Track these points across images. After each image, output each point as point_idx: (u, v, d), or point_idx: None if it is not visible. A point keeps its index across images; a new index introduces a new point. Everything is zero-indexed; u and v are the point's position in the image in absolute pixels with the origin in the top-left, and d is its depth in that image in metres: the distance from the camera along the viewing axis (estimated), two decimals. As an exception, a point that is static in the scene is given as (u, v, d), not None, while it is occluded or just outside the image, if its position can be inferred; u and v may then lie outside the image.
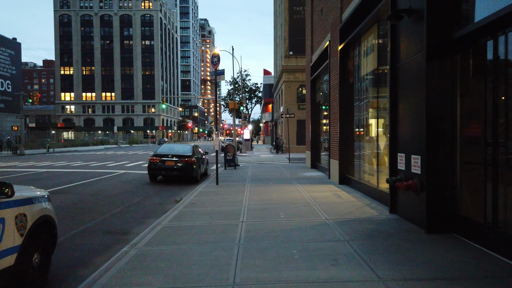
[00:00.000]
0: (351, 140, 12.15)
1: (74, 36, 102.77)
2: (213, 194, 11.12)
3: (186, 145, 15.89)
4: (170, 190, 12.99)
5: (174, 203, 10.34)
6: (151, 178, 15.17)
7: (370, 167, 10.22)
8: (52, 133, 74.73)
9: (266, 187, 12.28)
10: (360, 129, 11.33)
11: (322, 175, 15.45)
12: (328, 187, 11.84)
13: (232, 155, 20.10)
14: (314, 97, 18.55)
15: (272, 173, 16.76)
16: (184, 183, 14.76)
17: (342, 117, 12.26)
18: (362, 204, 8.91)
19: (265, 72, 78.53)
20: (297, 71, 39.84)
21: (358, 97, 11.58)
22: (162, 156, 14.54)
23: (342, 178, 12.34)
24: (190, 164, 14.47)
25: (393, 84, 7.59)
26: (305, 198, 9.87)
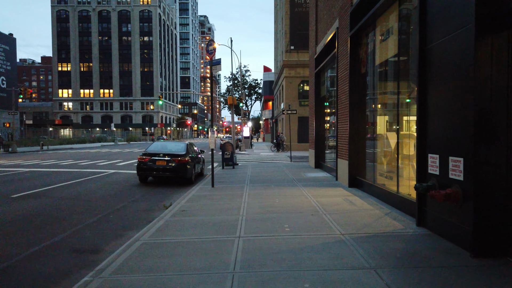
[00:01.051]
0: (362, 137, 10.82)
1: (71, 32, 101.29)
2: (207, 198, 9.80)
3: (180, 143, 14.56)
4: (160, 193, 11.67)
5: (162, 209, 9.03)
6: (141, 179, 13.85)
7: (388, 169, 8.90)
8: (50, 131, 73.50)
9: (267, 190, 10.97)
10: (373, 126, 10.00)
11: (328, 176, 14.13)
12: (337, 191, 10.51)
13: (230, 154, 18.78)
14: (318, 91, 17.21)
15: (273, 174, 15.45)
16: (176, 185, 13.45)
17: (352, 112, 10.93)
18: (380, 213, 7.58)
19: (265, 68, 77.24)
20: (299, 66, 38.48)
21: (372, 89, 10.26)
22: (152, 155, 13.21)
23: (352, 180, 11.02)
24: (184, 164, 13.15)
25: (422, 71, 6.25)
26: (312, 205, 8.56)
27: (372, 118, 10.33)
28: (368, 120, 10.65)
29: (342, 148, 11.87)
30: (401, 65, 7.99)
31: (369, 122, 10.60)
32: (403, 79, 7.95)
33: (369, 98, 10.51)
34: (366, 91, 10.72)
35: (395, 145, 8.38)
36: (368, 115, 10.61)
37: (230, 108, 21.63)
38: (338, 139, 12.52)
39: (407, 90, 7.91)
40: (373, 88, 10.12)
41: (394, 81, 8.49)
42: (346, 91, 11.33)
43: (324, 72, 16.44)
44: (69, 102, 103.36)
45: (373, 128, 10.12)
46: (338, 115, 12.43)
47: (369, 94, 10.47)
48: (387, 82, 9.29)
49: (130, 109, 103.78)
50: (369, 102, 10.51)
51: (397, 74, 8.16)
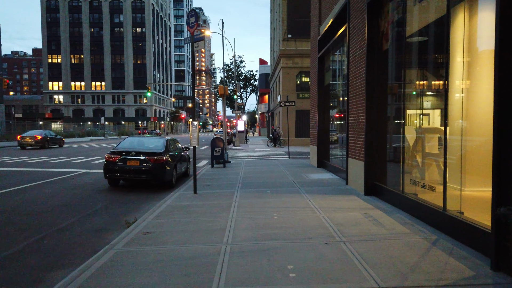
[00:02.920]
0: (382, 133, 8.54)
1: (62, 23, 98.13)
2: (184, 211, 7.51)
3: (158, 139, 12.19)
4: (128, 202, 9.35)
5: (122, 227, 6.74)
6: (111, 183, 11.52)
7: (428, 176, 6.61)
8: (40, 124, 70.83)
9: (262, 198, 8.69)
10: (399, 118, 7.70)
11: (335, 179, 11.85)
12: (352, 201, 8.24)
13: (221, 150, 16.46)
14: (322, 79, 14.88)
15: (270, 174, 13.16)
16: (153, 189, 11.14)
17: (370, 100, 8.64)
18: (424, 241, 5.30)
19: (261, 61, 75.05)
20: (297, 56, 36.12)
21: (398, 70, 7.96)
22: (123, 153, 10.84)
23: (369, 186, 8.75)
24: (161, 165, 10.82)
25: (506, 35, 3.96)
26: (324, 224, 6.28)
27: (402, 108, 8.04)
28: (393, 111, 8.37)
29: (356, 145, 9.58)
30: (457, 30, 5.68)
31: (395, 114, 8.31)
32: (457, 50, 5.65)
33: (393, 82, 8.21)
34: (388, 74, 8.42)
35: (438, 145, 6.11)
36: (393, 105, 8.32)
37: (221, 98, 19.26)
38: (349, 135, 10.23)
39: (463, 67, 5.62)
40: (400, 68, 7.81)
41: (439, 56, 6.19)
42: (361, 75, 9.02)
43: (329, 56, 14.12)
44: (59, 95, 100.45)
45: (400, 121, 7.84)
46: (350, 105, 10.13)
47: (394, 76, 8.18)
48: (426, 58, 6.99)
49: (123, 103, 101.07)
50: (394, 87, 8.21)
51: (446, 45, 5.84)
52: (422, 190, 6.60)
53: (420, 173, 6.90)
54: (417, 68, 7.27)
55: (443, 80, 5.81)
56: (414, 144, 7.18)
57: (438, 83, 6.24)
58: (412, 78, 7.35)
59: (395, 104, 8.20)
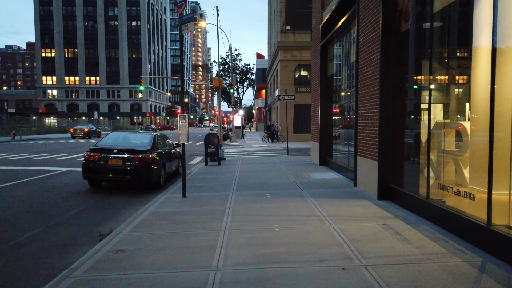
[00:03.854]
0: (399, 128, 7.40)
1: (55, 16, 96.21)
2: (169, 220, 6.35)
3: (144, 135, 10.99)
4: (107, 207, 8.18)
5: (92, 242, 5.59)
6: (91, 184, 10.33)
7: (462, 180, 5.47)
8: (33, 119, 69.33)
9: (260, 203, 7.54)
10: (425, 111, 6.55)
11: (340, 179, 10.71)
12: (365, 207, 7.09)
13: (215, 147, 15.28)
14: (324, 69, 13.70)
15: (268, 173, 12.01)
16: (137, 192, 9.97)
17: (385, 91, 7.48)
18: (468, 267, 4.15)
19: (258, 56, 73.80)
20: (295, 48, 34.84)
21: (421, 55, 6.80)
22: (104, 151, 9.64)
23: (383, 189, 7.61)
24: (147, 164, 9.63)
25: None
26: (337, 240, 5.14)
27: (419, 100, 6.89)
28: (411, 102, 7.22)
29: (366, 142, 8.44)
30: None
31: (414, 106, 7.17)
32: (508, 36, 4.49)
33: (414, 69, 7.05)
34: (407, 59, 7.27)
35: (479, 143, 4.97)
36: (412, 95, 7.16)
37: (216, 91, 18.09)
38: (358, 130, 9.08)
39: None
40: (423, 52, 6.65)
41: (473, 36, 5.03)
42: (374, 61, 7.86)
43: (333, 45, 12.94)
44: (53, 89, 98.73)
45: (422, 115, 6.70)
46: (359, 96, 8.98)
47: (415, 62, 7.02)
48: (459, 39, 5.84)
49: (118, 97, 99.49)
50: (414, 75, 7.05)
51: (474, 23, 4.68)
52: (454, 197, 5.46)
53: (449, 176, 5.77)
54: (446, 51, 6.12)
55: (479, 66, 4.65)
56: (442, 141, 6.04)
57: (471, 69, 5.09)
58: (439, 64, 6.20)
59: (416, 94, 7.05)
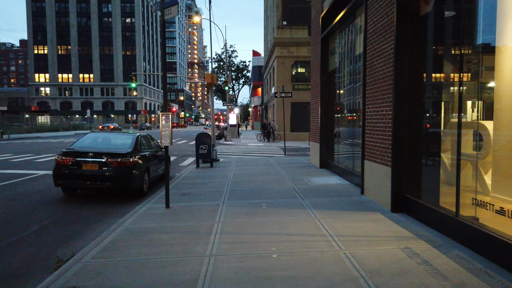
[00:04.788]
0: (417, 129, 6.33)
1: (48, 12, 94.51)
2: (145, 241, 5.25)
3: (125, 135, 9.83)
4: (77, 220, 7.05)
5: (48, 269, 4.49)
6: (65, 191, 9.21)
7: (507, 193, 4.40)
8: (26, 117, 67.88)
9: (255, 217, 6.45)
10: (450, 109, 5.48)
11: (344, 184, 9.64)
12: (378, 222, 6.01)
13: (207, 148, 14.18)
14: (325, 64, 12.62)
15: (264, 177, 10.93)
16: (118, 199, 8.85)
17: (400, 85, 6.41)
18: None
19: (254, 53, 72.80)
20: (292, 44, 33.76)
21: (445, 42, 5.73)
22: (78, 154, 8.51)
23: (398, 200, 6.54)
24: (127, 169, 8.50)
25: None
26: (350, 273, 4.06)
27: (442, 96, 5.83)
28: (432, 99, 6.16)
29: (376, 144, 7.37)
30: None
31: (434, 102, 6.10)
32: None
33: (437, 59, 5.98)
34: (426, 48, 6.19)
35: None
36: (434, 91, 6.10)
37: (209, 88, 16.98)
38: (366, 131, 8.01)
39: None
40: (448, 39, 5.58)
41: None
42: (387, 52, 6.78)
43: (335, 37, 11.85)
44: (46, 87, 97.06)
45: (448, 113, 5.63)
46: (367, 92, 7.91)
47: (437, 51, 5.95)
48: (491, 22, 4.77)
49: (112, 95, 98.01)
50: (437, 66, 5.99)
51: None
52: (493, 214, 4.40)
53: (486, 188, 4.71)
54: (475, 39, 5.05)
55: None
56: (470, 145, 4.99)
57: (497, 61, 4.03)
58: (466, 54, 5.13)
59: (438, 90, 5.99)
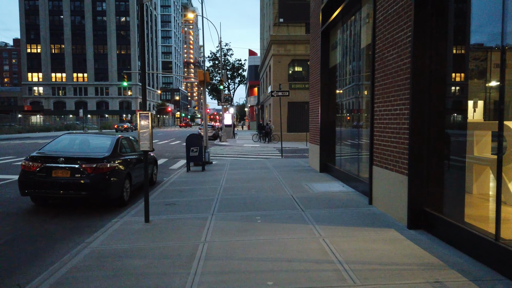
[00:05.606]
0: (440, 130, 5.37)
1: (41, 10, 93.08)
2: (109, 272, 4.24)
3: (105, 138, 8.77)
4: (43, 237, 6.04)
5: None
6: (35, 200, 8.17)
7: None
8: (19, 117, 66.59)
9: (248, 235, 5.46)
10: (488, 108, 4.53)
11: (349, 192, 8.66)
12: (395, 243, 5.03)
13: (199, 150, 13.17)
14: (326, 59, 11.65)
15: (260, 183, 9.94)
16: (94, 209, 7.83)
17: (418, 79, 5.45)
18: None
19: (250, 52, 71.78)
20: (289, 42, 32.79)
21: (477, 25, 4.76)
22: (47, 159, 7.48)
23: (415, 214, 5.57)
24: (104, 176, 7.47)
25: None
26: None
27: (476, 92, 4.87)
28: (457, 98, 5.20)
29: (387, 149, 6.40)
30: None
31: (463, 100, 5.14)
32: None
33: (465, 47, 5.02)
34: (450, 36, 5.23)
35: None
36: (464, 86, 5.14)
37: (202, 86, 16.00)
38: (374, 133, 7.05)
39: None
40: (480, 22, 4.62)
41: None
42: (402, 41, 5.81)
43: (337, 29, 10.88)
44: (39, 86, 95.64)
45: (471, 114, 4.67)
46: (376, 89, 6.94)
47: (466, 37, 4.99)
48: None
49: (106, 95, 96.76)
50: (462, 61, 5.03)
51: None
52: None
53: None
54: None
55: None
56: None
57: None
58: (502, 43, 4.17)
59: (466, 85, 5.03)
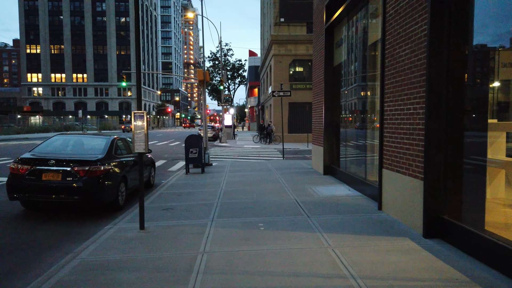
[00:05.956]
0: (459, 130, 4.95)
1: (40, 11, 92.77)
2: (99, 287, 3.83)
3: (99, 139, 8.33)
4: (30, 245, 5.60)
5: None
6: (25, 205, 7.74)
7: None
8: (18, 118, 66.26)
9: (251, 245, 5.03)
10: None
11: (355, 196, 8.23)
12: (411, 254, 4.60)
13: (198, 151, 12.74)
14: (330, 57, 11.22)
15: (262, 186, 9.51)
16: (87, 214, 7.40)
17: (435, 75, 5.03)
18: None
19: (250, 53, 71.42)
20: (290, 42, 32.39)
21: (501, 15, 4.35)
22: (37, 161, 7.05)
23: (432, 222, 5.14)
24: (97, 179, 7.04)
25: None
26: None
27: (487, 92, 4.45)
28: (480, 96, 4.78)
29: (399, 151, 5.97)
30: None
31: (484, 99, 4.72)
32: None
33: (490, 42, 4.60)
34: (472, 26, 4.81)
35: None
36: (481, 85, 4.72)
37: (201, 85, 15.58)
38: (384, 134, 6.62)
39: None
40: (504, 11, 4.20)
41: None
42: (416, 35, 5.39)
43: (342, 26, 10.46)
44: (39, 87, 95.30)
45: (492, 112, 4.25)
46: (386, 87, 6.52)
47: (491, 28, 4.57)
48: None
49: (106, 95, 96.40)
50: (486, 55, 4.60)
51: None
52: None
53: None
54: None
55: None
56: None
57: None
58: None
59: (487, 82, 4.61)
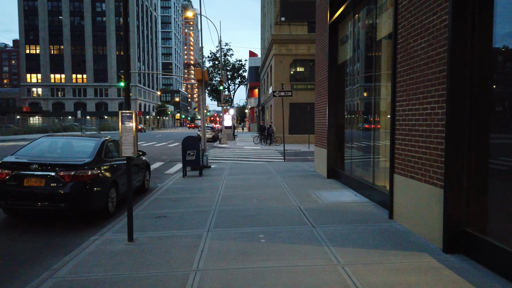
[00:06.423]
0: (486, 132, 4.41)
1: (40, 11, 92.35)
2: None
3: (88, 141, 7.76)
4: (4, 260, 5.05)
5: None
6: (6, 211, 7.20)
7: None
8: (17, 119, 65.80)
9: (250, 261, 4.47)
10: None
11: (363, 203, 7.67)
12: (433, 274, 4.02)
13: (196, 153, 12.19)
14: (334, 55, 10.67)
15: (262, 191, 8.96)
16: (73, 223, 6.86)
17: (457, 72, 4.49)
18: None
19: (250, 53, 70.92)
20: (291, 42, 31.86)
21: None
22: (19, 166, 6.51)
23: (453, 235, 4.58)
24: (83, 184, 6.49)
25: None
26: None
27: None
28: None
29: (413, 155, 5.42)
30: None
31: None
32: None
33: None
34: (499, 20, 4.27)
35: None
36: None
37: (199, 84, 15.04)
38: (396, 136, 6.07)
39: None
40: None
41: None
42: (433, 27, 4.84)
43: (347, 22, 9.91)
44: (38, 87, 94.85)
45: None
46: (398, 84, 5.97)
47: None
48: None
49: (106, 96, 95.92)
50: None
51: None
52: None
53: None
54: None
55: None
56: None
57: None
58: None
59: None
